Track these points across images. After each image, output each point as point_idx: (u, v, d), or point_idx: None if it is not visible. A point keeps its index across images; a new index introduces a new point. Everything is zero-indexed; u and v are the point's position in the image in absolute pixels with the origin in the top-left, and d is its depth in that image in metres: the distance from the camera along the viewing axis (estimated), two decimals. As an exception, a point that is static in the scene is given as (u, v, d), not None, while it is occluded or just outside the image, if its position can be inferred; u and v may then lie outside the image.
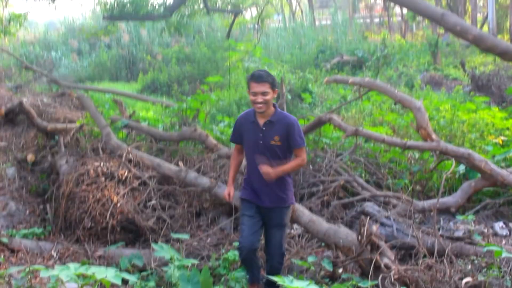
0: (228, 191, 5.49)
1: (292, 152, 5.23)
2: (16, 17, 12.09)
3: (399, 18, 38.29)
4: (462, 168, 7.49)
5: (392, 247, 5.63)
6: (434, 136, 6.95)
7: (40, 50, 26.24)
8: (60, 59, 25.27)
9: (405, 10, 32.40)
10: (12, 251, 6.86)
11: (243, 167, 6.15)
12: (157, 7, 13.88)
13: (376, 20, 41.97)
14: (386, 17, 37.58)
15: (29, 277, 4.98)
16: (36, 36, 30.35)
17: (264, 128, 5.13)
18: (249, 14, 31.63)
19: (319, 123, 8.05)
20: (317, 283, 5.40)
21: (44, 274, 4.37)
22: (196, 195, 7.48)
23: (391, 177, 8.00)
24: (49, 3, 13.56)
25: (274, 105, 5.18)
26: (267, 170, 5.04)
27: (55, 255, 6.83)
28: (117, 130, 9.32)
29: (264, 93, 4.97)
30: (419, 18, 28.52)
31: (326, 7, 45.40)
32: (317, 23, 34.59)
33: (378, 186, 7.84)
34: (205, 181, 7.17)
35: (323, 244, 6.10)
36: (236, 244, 6.19)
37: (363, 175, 8.08)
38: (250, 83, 5.04)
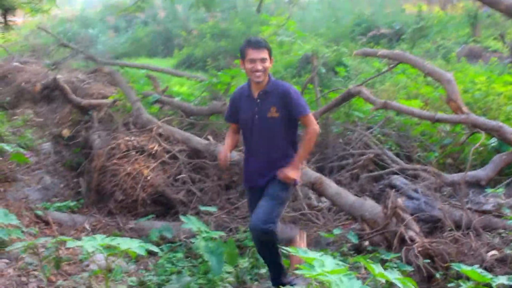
0: (223, 154, 4.87)
1: (296, 124, 4.76)
2: (48, -5, 12.26)
3: (439, -10, 37.55)
4: (494, 141, 7.39)
5: (419, 220, 5.61)
6: (464, 108, 6.85)
7: (78, 28, 26.52)
8: (97, 36, 25.49)
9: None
10: (47, 223, 7.05)
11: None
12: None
13: (416, -9, 41.25)
14: (426, -12, 36.92)
15: (55, 247, 5.09)
16: (74, 14, 30.63)
17: (258, 100, 4.68)
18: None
19: (348, 96, 8.02)
20: (342, 255, 5.43)
21: (70, 244, 4.49)
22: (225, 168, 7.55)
23: (422, 150, 7.94)
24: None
25: (269, 75, 4.71)
26: (287, 174, 4.57)
27: (88, 227, 7.00)
28: (149, 105, 9.43)
29: (263, 60, 4.53)
30: (459, -11, 27.92)
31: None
32: (354, -5, 34.18)
33: (409, 159, 7.80)
34: (234, 154, 7.21)
35: (349, 217, 6.12)
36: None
37: (393, 148, 8.03)
38: (246, 50, 4.57)
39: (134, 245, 4.37)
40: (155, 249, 4.64)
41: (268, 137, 4.68)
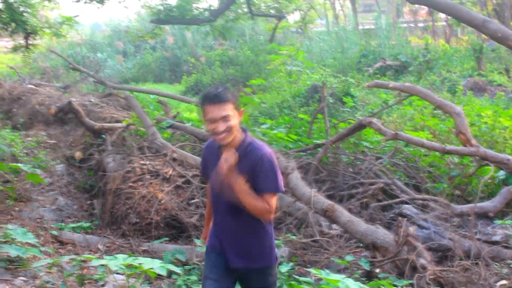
0: (204, 236, 4.23)
1: None
2: (67, 19, 12.54)
3: (444, 23, 37.95)
4: (502, 173, 7.53)
5: (429, 249, 5.72)
6: (473, 141, 7.01)
7: (87, 51, 26.86)
8: (105, 60, 25.81)
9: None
10: (61, 243, 7.19)
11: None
12: (202, 11, 14.18)
13: (421, 24, 41.66)
14: (431, 21, 37.31)
15: (80, 265, 5.21)
16: (83, 38, 31.01)
17: None
18: (292, 18, 31.86)
19: (359, 127, 8.19)
20: (355, 281, 5.54)
21: (95, 263, 4.62)
22: (237, 194, 7.67)
23: (430, 181, 8.08)
24: (98, 8, 14.00)
25: (244, 130, 3.75)
26: (226, 159, 3.58)
27: (101, 248, 7.12)
28: (162, 130, 9.61)
29: (225, 118, 3.55)
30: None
31: (369, 11, 45.32)
32: (360, 27, 34.54)
33: (417, 189, 7.94)
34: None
35: (361, 244, 6.23)
36: (276, 242, 6.36)
37: (402, 178, 8.18)
38: (204, 108, 3.61)
39: (155, 265, 4.49)
40: (176, 269, 4.77)
41: (237, 212, 3.72)
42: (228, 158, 3.56)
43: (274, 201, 3.68)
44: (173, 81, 24.56)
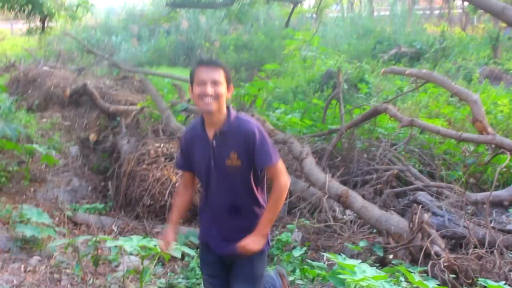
0: (165, 238, 3.91)
1: (261, 173, 3.65)
2: (83, 2, 12.56)
3: (460, 11, 37.61)
4: (517, 162, 7.48)
5: (443, 237, 5.71)
6: (490, 129, 6.96)
7: (101, 35, 26.85)
8: (120, 44, 25.78)
9: (466, 3, 31.81)
10: (75, 224, 7.26)
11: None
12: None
13: (436, 12, 41.31)
14: (447, 9, 36.97)
15: (95, 246, 5.25)
16: (98, 21, 30.99)
17: (214, 143, 3.55)
18: (307, 3, 31.68)
19: (374, 113, 8.16)
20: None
21: (109, 244, 4.65)
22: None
23: (445, 168, 8.05)
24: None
25: (227, 108, 3.56)
26: (247, 247, 3.51)
27: (115, 229, 7.19)
28: (176, 113, 9.62)
29: (215, 82, 3.41)
30: (480, 11, 27.97)
31: (385, -3, 44.99)
32: (375, 13, 34.30)
33: (432, 177, 7.91)
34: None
35: (374, 230, 6.23)
36: (289, 226, 6.38)
37: (417, 165, 8.15)
38: (196, 70, 3.48)
39: (170, 247, 4.51)
40: (190, 252, 4.80)
41: (228, 192, 3.60)
42: (247, 248, 3.50)
43: (280, 169, 3.57)
44: (187, 65, 24.48)
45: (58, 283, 5.38)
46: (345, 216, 6.85)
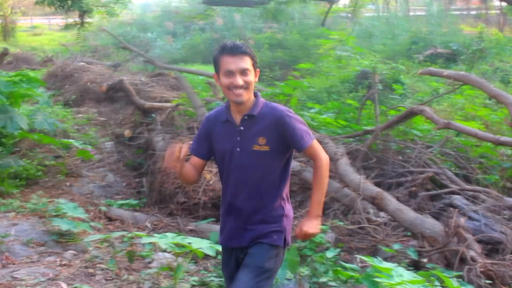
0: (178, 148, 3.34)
1: (290, 160, 3.56)
2: (122, -1, 12.73)
3: (498, 11, 37.06)
4: (557, 167, 7.37)
5: (479, 241, 5.64)
6: (528, 133, 6.86)
7: (137, 31, 27.09)
8: (155, 40, 25.98)
9: (504, 3, 31.33)
10: (110, 219, 7.32)
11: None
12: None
13: (473, 12, 40.78)
14: (484, 9, 36.47)
15: (130, 242, 5.30)
16: (133, 17, 31.29)
17: (242, 128, 3.42)
18: (342, 2, 31.48)
19: (410, 115, 8.09)
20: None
21: (145, 240, 4.69)
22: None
23: (481, 172, 7.94)
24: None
25: (255, 94, 3.48)
26: (308, 231, 3.41)
27: (149, 226, 7.23)
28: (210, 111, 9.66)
29: (244, 71, 3.29)
30: (518, 12, 27.52)
31: (421, -3, 44.56)
32: (411, 13, 34.02)
33: (467, 180, 7.81)
34: (294, 164, 7.34)
35: (408, 233, 6.18)
36: (322, 227, 6.35)
37: (453, 168, 8.06)
38: (221, 59, 3.32)
39: (204, 245, 4.53)
40: (224, 250, 4.80)
41: (252, 178, 3.44)
42: (309, 232, 3.40)
43: (318, 145, 3.49)
44: (221, 63, 24.60)
45: (93, 277, 5.42)
46: (378, 218, 6.81)
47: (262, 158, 3.39)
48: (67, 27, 12.86)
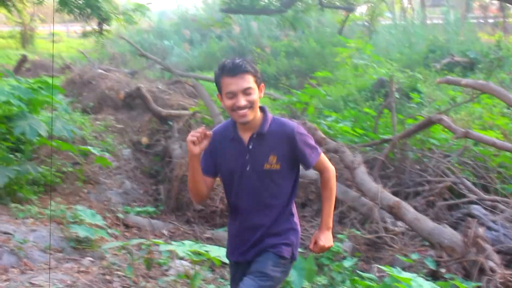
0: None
1: (298, 176, 3.50)
2: (139, 6, 12.80)
3: (516, 19, 36.84)
4: None
5: (498, 252, 5.60)
6: (548, 143, 6.81)
7: (154, 39, 27.22)
8: (172, 48, 26.08)
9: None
10: (127, 226, 7.36)
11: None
12: (273, 1, 14.18)
13: (491, 20, 40.57)
14: (502, 17, 36.27)
15: (148, 250, 5.32)
16: (150, 25, 31.45)
17: (251, 146, 3.35)
18: (358, 10, 31.46)
19: (428, 124, 8.06)
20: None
21: (162, 248, 4.71)
22: (302, 186, 7.67)
23: (500, 182, 7.88)
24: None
25: (262, 109, 3.39)
26: (324, 245, 3.44)
27: (166, 233, 7.26)
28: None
29: (247, 91, 3.20)
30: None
31: (438, 5, 44.36)
32: (428, 21, 33.89)
33: (486, 190, 7.74)
34: (311, 173, 7.33)
35: (426, 242, 6.14)
36: (340, 236, 6.34)
37: (471, 178, 8.00)
38: (221, 80, 3.25)
39: (222, 253, 4.54)
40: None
41: (262, 197, 3.38)
42: (324, 246, 3.42)
43: (325, 158, 3.48)
44: (237, 70, 24.62)
45: (110, 284, 5.44)
46: (396, 228, 6.78)
47: (273, 176, 3.35)
48: (85, 34, 12.96)
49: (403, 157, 8.33)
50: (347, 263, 5.71)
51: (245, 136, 3.36)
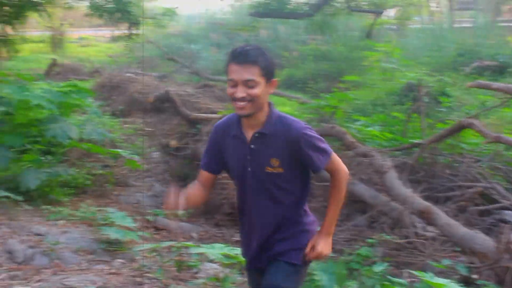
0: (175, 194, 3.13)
1: (309, 179, 3.28)
2: (168, 11, 12.90)
3: (546, 23, 36.36)
4: None
5: (531, 259, 5.53)
6: None
7: (182, 42, 27.36)
8: (200, 52, 26.19)
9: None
10: (157, 228, 7.40)
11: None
12: (301, 5, 14.20)
13: (521, 24, 40.09)
14: (532, 21, 35.84)
15: (178, 252, 5.35)
16: (178, 28, 31.61)
17: (252, 146, 3.11)
18: (386, 14, 31.26)
19: (458, 128, 7.98)
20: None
21: (193, 250, 4.73)
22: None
23: (532, 187, 7.78)
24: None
25: (270, 105, 3.14)
26: (320, 252, 3.18)
27: (195, 236, 7.28)
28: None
29: (248, 83, 2.93)
30: None
31: (467, 9, 43.98)
32: (456, 25, 33.61)
33: (518, 195, 7.66)
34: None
35: (457, 248, 6.09)
36: (370, 241, 6.31)
37: (503, 183, 7.91)
38: (228, 66, 3.00)
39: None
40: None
41: (265, 201, 3.17)
42: (320, 254, 3.17)
43: (337, 159, 3.20)
44: (264, 74, 24.64)
45: (140, 286, 5.48)
46: (426, 233, 6.72)
47: (276, 180, 3.12)
48: (114, 38, 13.09)
49: (433, 162, 8.26)
50: (377, 268, 5.67)
51: (248, 134, 3.12)
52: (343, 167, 3.23)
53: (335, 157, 3.19)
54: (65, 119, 7.69)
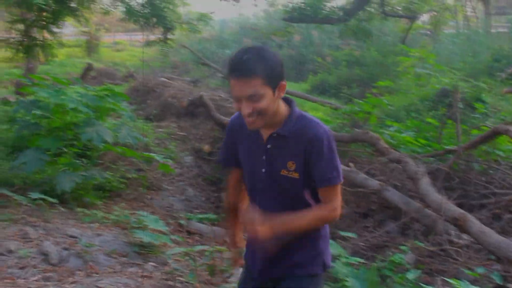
0: (233, 257, 3.32)
1: None
2: (203, 16, 12.98)
3: None
4: None
5: None
6: None
7: (215, 47, 27.53)
8: (233, 57, 26.28)
9: None
10: (189, 232, 7.43)
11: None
12: (336, 10, 14.16)
13: (558, 29, 39.42)
14: None
15: (212, 256, 5.36)
16: (211, 34, 31.80)
17: (269, 146, 2.82)
18: (420, 19, 31.03)
19: (494, 134, 7.88)
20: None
21: (226, 255, 4.74)
22: (364, 196, 7.62)
23: None
24: (233, 5, 14.43)
25: (288, 102, 2.84)
26: (258, 227, 2.62)
27: (228, 240, 7.28)
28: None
29: (252, 97, 2.60)
30: None
31: (503, 14, 43.43)
32: (492, 30, 33.20)
33: (554, 204, 7.54)
34: (374, 183, 7.28)
35: (492, 256, 6.01)
36: (403, 247, 6.26)
37: (539, 191, 7.80)
38: (229, 79, 2.68)
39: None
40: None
41: (281, 203, 2.84)
42: (257, 230, 2.64)
43: (338, 193, 2.82)
44: (298, 79, 24.68)
45: (172, 290, 5.52)
46: (460, 240, 6.65)
47: (291, 184, 2.80)
48: (149, 43, 13.21)
49: (467, 169, 8.17)
50: (410, 275, 5.62)
51: (265, 133, 2.83)
52: (339, 206, 2.85)
53: (337, 190, 2.83)
54: (101, 123, 7.76)
